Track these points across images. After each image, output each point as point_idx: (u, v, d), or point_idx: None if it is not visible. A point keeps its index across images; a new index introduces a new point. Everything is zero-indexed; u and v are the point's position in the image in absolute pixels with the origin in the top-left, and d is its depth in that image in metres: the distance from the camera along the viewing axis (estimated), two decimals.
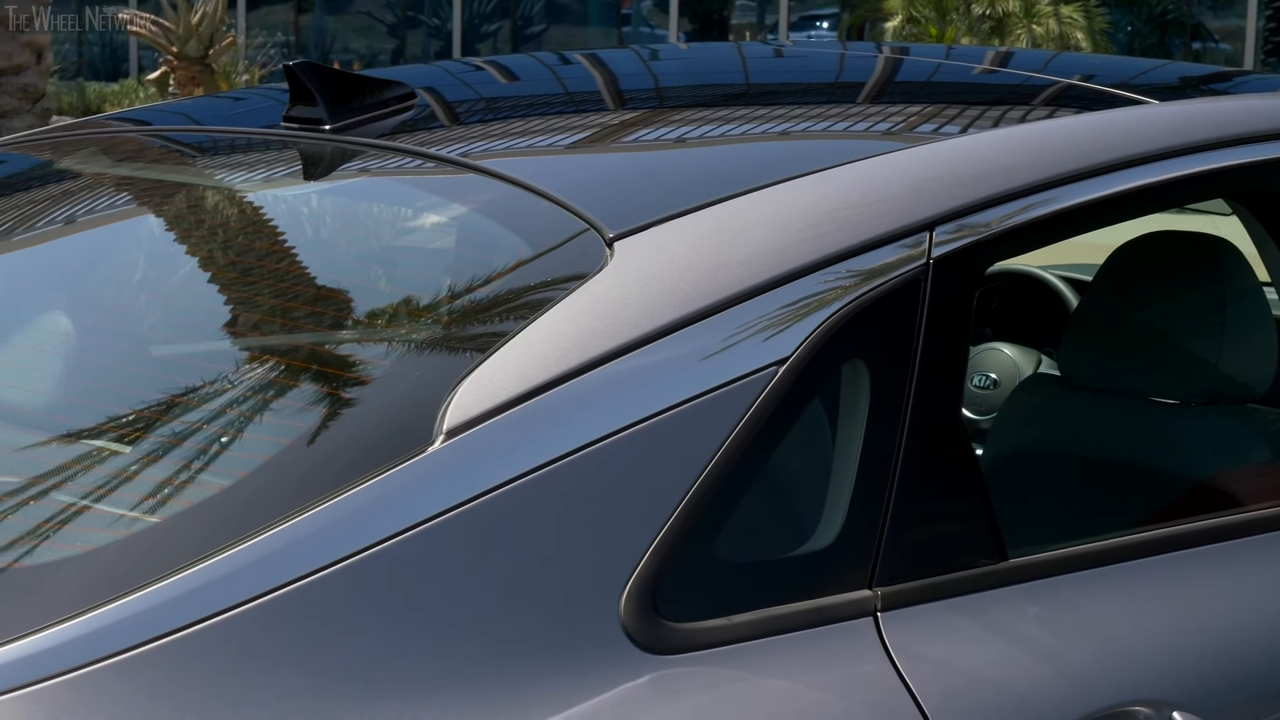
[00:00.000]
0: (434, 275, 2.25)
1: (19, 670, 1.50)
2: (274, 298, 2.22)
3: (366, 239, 2.48)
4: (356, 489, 1.66)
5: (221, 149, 2.81)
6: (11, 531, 1.75)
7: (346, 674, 1.60)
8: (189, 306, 2.37)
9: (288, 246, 2.39)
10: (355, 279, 2.30)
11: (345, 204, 2.52)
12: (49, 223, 2.70)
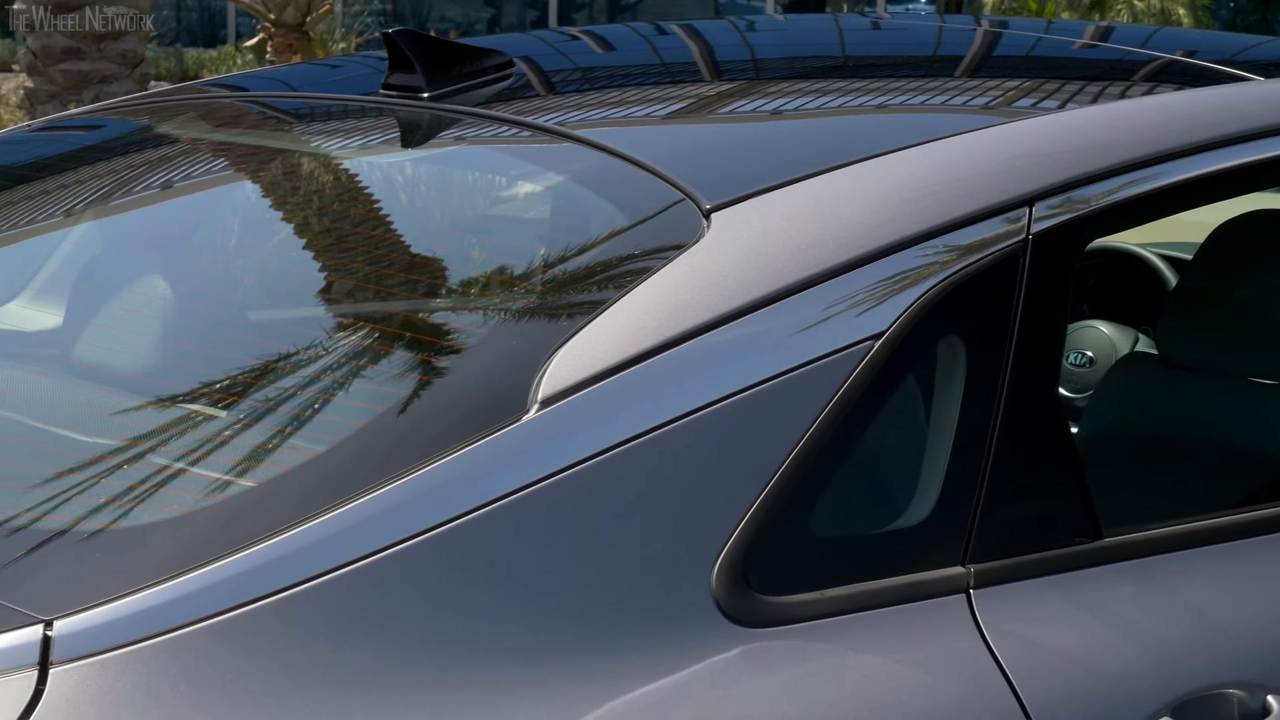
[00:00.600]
0: (530, 244, 2.25)
1: (116, 631, 1.51)
2: (370, 265, 2.23)
3: (463, 207, 2.48)
4: (450, 457, 1.66)
5: (318, 116, 2.81)
6: (109, 493, 1.76)
7: (440, 640, 1.60)
8: (285, 272, 2.38)
9: (384, 214, 2.40)
10: (452, 247, 2.30)
11: (442, 172, 2.52)
12: (147, 187, 2.71)
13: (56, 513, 1.74)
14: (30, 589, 1.57)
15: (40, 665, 1.48)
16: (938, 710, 1.80)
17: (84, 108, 3.39)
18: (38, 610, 1.52)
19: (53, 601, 1.53)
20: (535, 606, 1.65)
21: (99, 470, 1.82)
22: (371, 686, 1.56)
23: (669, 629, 1.69)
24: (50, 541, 1.68)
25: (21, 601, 1.53)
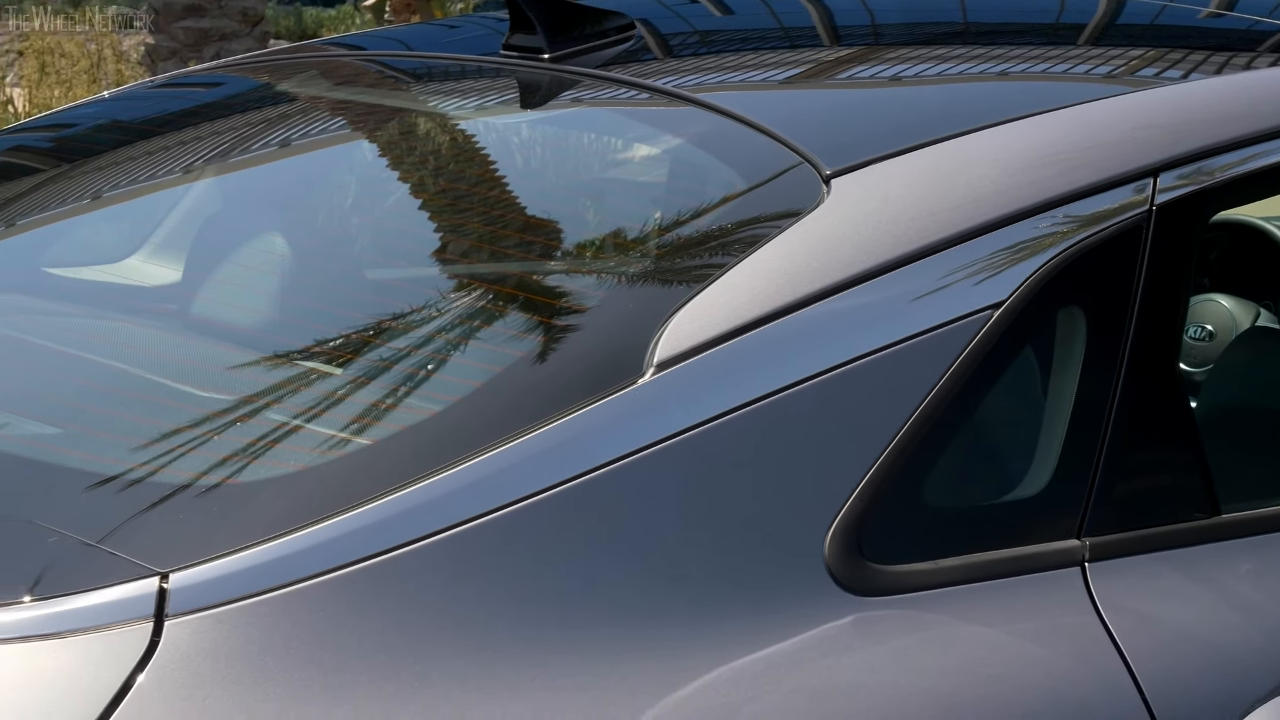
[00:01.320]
0: (648, 207, 2.25)
1: (230, 585, 1.52)
2: (488, 226, 2.23)
3: (582, 169, 2.48)
4: (566, 418, 1.66)
5: (437, 76, 2.82)
6: (226, 448, 1.77)
7: (549, 600, 1.60)
8: (403, 232, 2.38)
9: (503, 175, 2.40)
10: (570, 210, 2.30)
11: (562, 134, 2.52)
12: (266, 145, 2.73)
13: (174, 466, 1.75)
14: (147, 542, 1.58)
15: (156, 617, 1.49)
16: (1049, 684, 1.79)
17: (204, 65, 3.41)
18: (154, 563, 1.53)
19: (169, 554, 1.54)
20: (646, 570, 1.65)
21: (216, 425, 1.83)
22: (483, 645, 1.56)
23: (780, 595, 1.68)
24: (167, 495, 1.69)
25: (138, 554, 1.55)
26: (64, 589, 1.52)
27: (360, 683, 1.50)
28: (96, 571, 1.54)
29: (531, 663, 1.56)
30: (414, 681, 1.51)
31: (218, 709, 1.46)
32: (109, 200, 2.69)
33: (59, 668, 1.47)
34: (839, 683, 1.68)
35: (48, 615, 1.50)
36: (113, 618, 1.49)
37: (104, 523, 1.63)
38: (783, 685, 1.64)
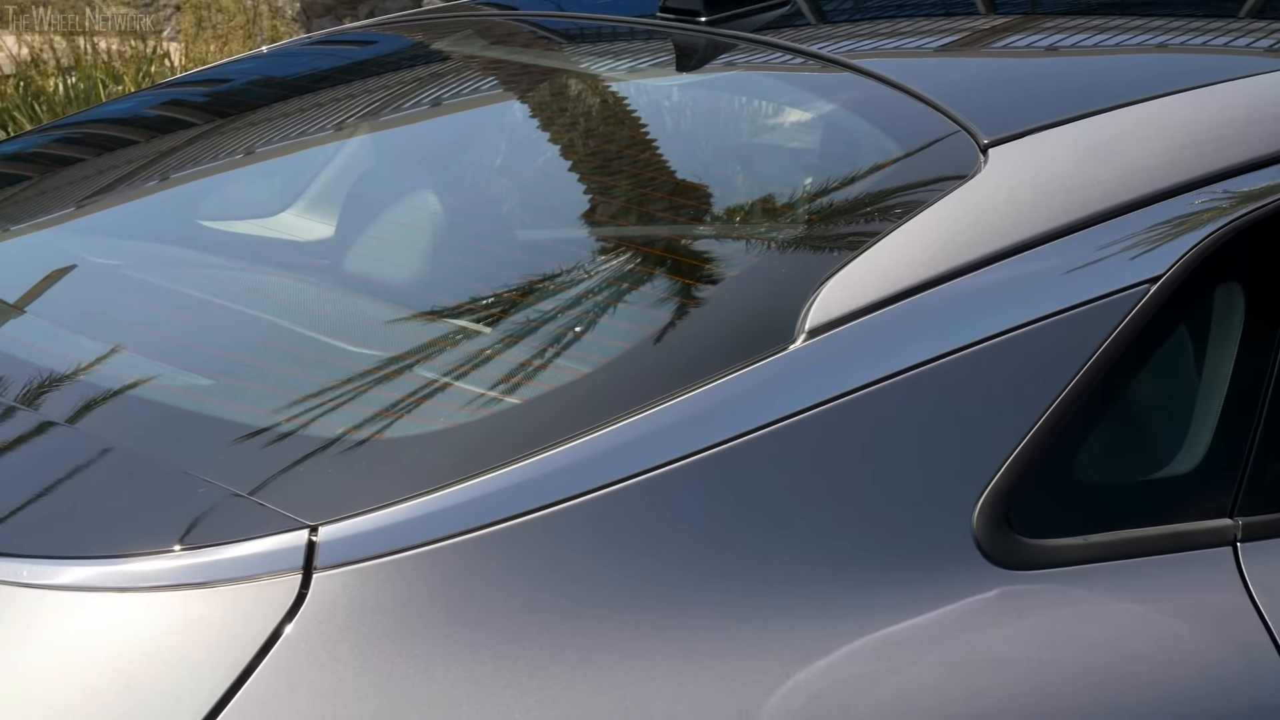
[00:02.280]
0: (802, 173, 2.24)
1: (378, 539, 1.53)
2: (641, 188, 2.23)
3: (737, 134, 2.47)
4: (715, 383, 1.65)
5: (591, 37, 2.82)
6: (376, 404, 1.78)
7: (693, 566, 1.60)
8: (555, 193, 2.39)
9: (656, 138, 2.39)
10: (723, 174, 2.29)
11: (717, 97, 2.51)
12: (419, 103, 2.74)
13: (324, 421, 1.77)
14: (297, 495, 1.60)
15: (304, 570, 1.50)
16: (1197, 664, 1.77)
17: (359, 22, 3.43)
18: (304, 516, 1.54)
19: (318, 508, 1.55)
20: (790, 537, 1.64)
21: (366, 381, 1.84)
22: (625, 607, 1.56)
23: (926, 567, 1.67)
24: (317, 449, 1.70)
25: (289, 506, 1.56)
26: (215, 539, 1.54)
27: (503, 641, 1.50)
28: (247, 523, 1.55)
29: (673, 626, 1.56)
30: (557, 641, 1.51)
31: (362, 662, 1.47)
32: (263, 155, 2.71)
33: (208, 616, 1.48)
34: (983, 656, 1.67)
35: (199, 564, 1.52)
36: (262, 569, 1.50)
37: (255, 475, 1.64)
38: (926, 657, 1.63)
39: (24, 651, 1.48)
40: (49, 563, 1.54)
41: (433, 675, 1.47)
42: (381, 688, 1.46)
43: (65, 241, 2.42)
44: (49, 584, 1.52)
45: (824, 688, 1.57)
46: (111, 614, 1.50)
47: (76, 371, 1.93)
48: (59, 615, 1.50)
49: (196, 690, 1.42)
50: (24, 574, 1.52)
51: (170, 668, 1.45)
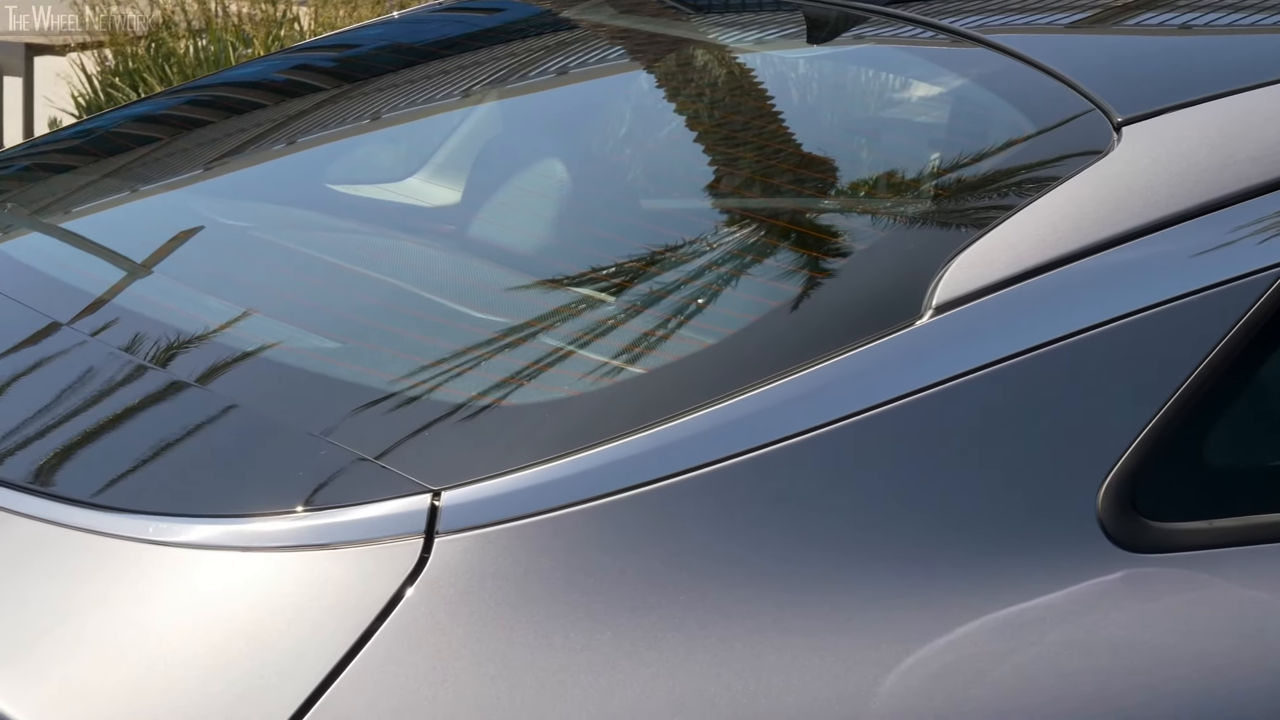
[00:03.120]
0: (932, 148, 2.22)
1: (500, 505, 1.53)
2: (768, 160, 2.22)
3: (867, 107, 2.46)
4: (839, 358, 1.64)
5: (719, 7, 2.81)
6: (499, 370, 1.79)
7: (814, 541, 1.59)
8: (682, 163, 2.38)
9: (785, 110, 2.38)
10: (852, 147, 2.28)
11: (848, 70, 2.50)
12: (547, 71, 2.74)
13: (448, 386, 1.77)
14: (421, 459, 1.60)
15: (426, 534, 1.51)
16: None
17: None
18: (427, 480, 1.54)
19: (441, 473, 1.56)
20: (912, 514, 1.63)
21: (490, 347, 1.84)
22: (744, 580, 1.55)
23: (1049, 547, 1.66)
24: (441, 414, 1.71)
25: (412, 471, 1.56)
26: (339, 501, 1.55)
27: (622, 611, 1.50)
28: (371, 486, 1.56)
29: (793, 601, 1.55)
30: (676, 613, 1.51)
31: (481, 627, 1.47)
32: (392, 121, 2.72)
33: (331, 578, 1.49)
34: (1106, 639, 1.65)
35: (323, 526, 1.53)
36: (385, 532, 1.51)
37: (380, 438, 1.65)
38: (1048, 637, 1.62)
39: (149, 608, 1.49)
40: (174, 520, 1.55)
41: (551, 643, 1.47)
42: (500, 654, 1.46)
43: (194, 203, 2.44)
44: (174, 541, 1.53)
45: (944, 665, 1.56)
46: (235, 573, 1.51)
47: (204, 332, 1.94)
48: (183, 573, 1.52)
49: (318, 651, 1.43)
50: (150, 531, 1.54)
51: (292, 627, 1.46)
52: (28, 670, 1.43)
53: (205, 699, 1.41)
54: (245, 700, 1.41)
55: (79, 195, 2.54)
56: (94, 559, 1.54)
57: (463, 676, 1.44)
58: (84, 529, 1.56)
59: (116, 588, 1.51)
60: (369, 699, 1.41)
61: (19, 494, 1.62)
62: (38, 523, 1.58)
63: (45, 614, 1.49)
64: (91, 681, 1.42)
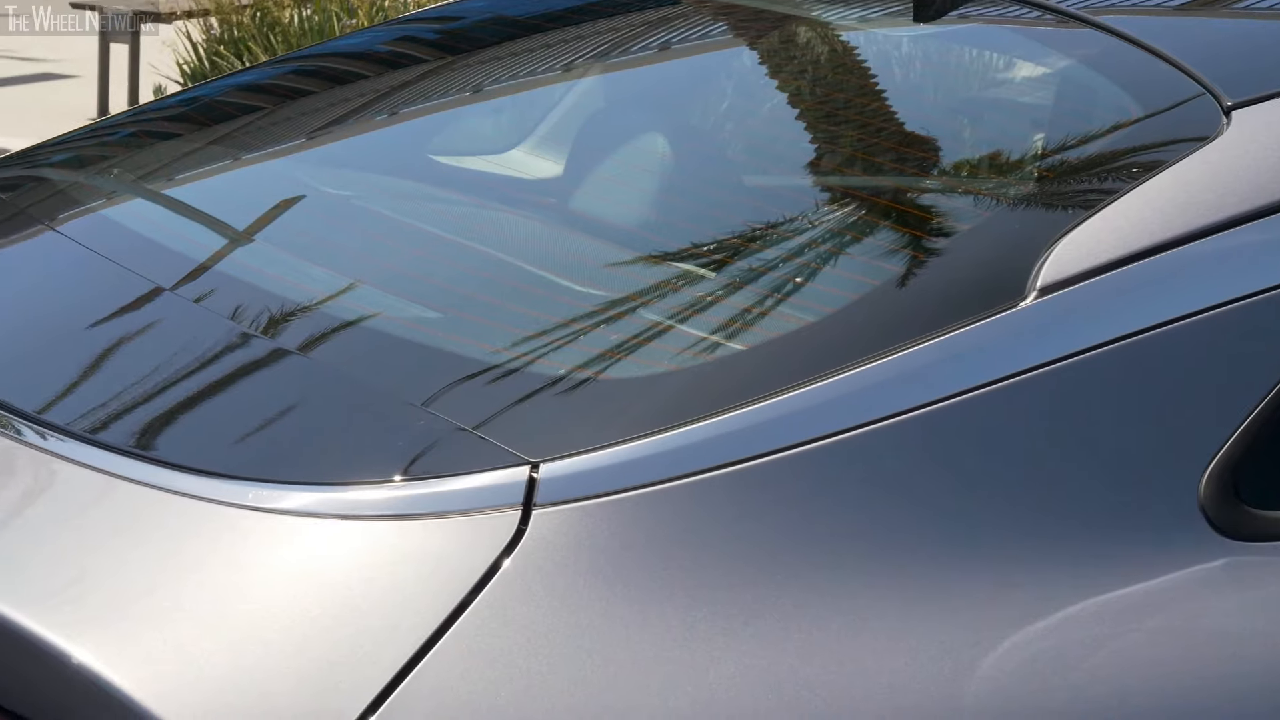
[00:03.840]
0: (1038, 128, 2.20)
1: (598, 479, 1.53)
2: (871, 138, 2.21)
3: (974, 86, 2.44)
4: (944, 337, 1.63)
5: None
6: (598, 344, 1.79)
7: (911, 521, 1.58)
8: (785, 140, 2.37)
9: (889, 89, 2.37)
10: (958, 126, 2.27)
11: (954, 49, 2.48)
12: (650, 46, 2.74)
13: (548, 358, 1.77)
14: (519, 431, 1.60)
15: (524, 506, 1.51)
16: None
17: None
18: (525, 452, 1.55)
19: (540, 445, 1.56)
20: (1011, 495, 1.62)
21: (591, 321, 1.84)
22: (843, 560, 1.55)
23: (1150, 533, 1.64)
24: (540, 386, 1.71)
25: (511, 442, 1.57)
26: (437, 471, 1.55)
27: (719, 587, 1.50)
28: (469, 457, 1.56)
29: (890, 583, 1.54)
30: (772, 591, 1.51)
31: (577, 600, 1.47)
32: (495, 93, 2.73)
33: (427, 547, 1.50)
34: (1206, 627, 1.63)
35: (420, 496, 1.53)
36: (483, 503, 1.51)
37: (479, 409, 1.65)
38: (1147, 624, 1.61)
39: (247, 573, 1.50)
40: (273, 487, 1.56)
41: (647, 617, 1.47)
42: (595, 627, 1.46)
43: (298, 172, 2.46)
44: (273, 508, 1.54)
45: (1042, 649, 1.55)
46: (333, 541, 1.52)
47: (306, 300, 1.95)
48: (282, 540, 1.53)
49: (414, 620, 1.44)
50: (249, 497, 1.55)
51: (388, 596, 1.46)
52: (127, 632, 1.45)
53: (301, 664, 1.42)
54: (340, 667, 1.41)
55: (183, 162, 2.55)
56: (194, 524, 1.55)
57: (557, 649, 1.44)
58: (185, 494, 1.57)
59: (215, 552, 1.53)
60: (463, 669, 1.42)
61: (122, 458, 1.64)
62: (139, 487, 1.59)
63: (145, 577, 1.51)
64: (189, 645, 1.43)
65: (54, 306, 2.04)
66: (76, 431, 1.70)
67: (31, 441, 1.69)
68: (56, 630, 1.44)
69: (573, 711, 1.41)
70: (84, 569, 1.52)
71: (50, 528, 1.59)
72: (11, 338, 1.98)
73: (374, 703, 1.39)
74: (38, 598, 1.49)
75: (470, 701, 1.40)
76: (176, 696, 1.39)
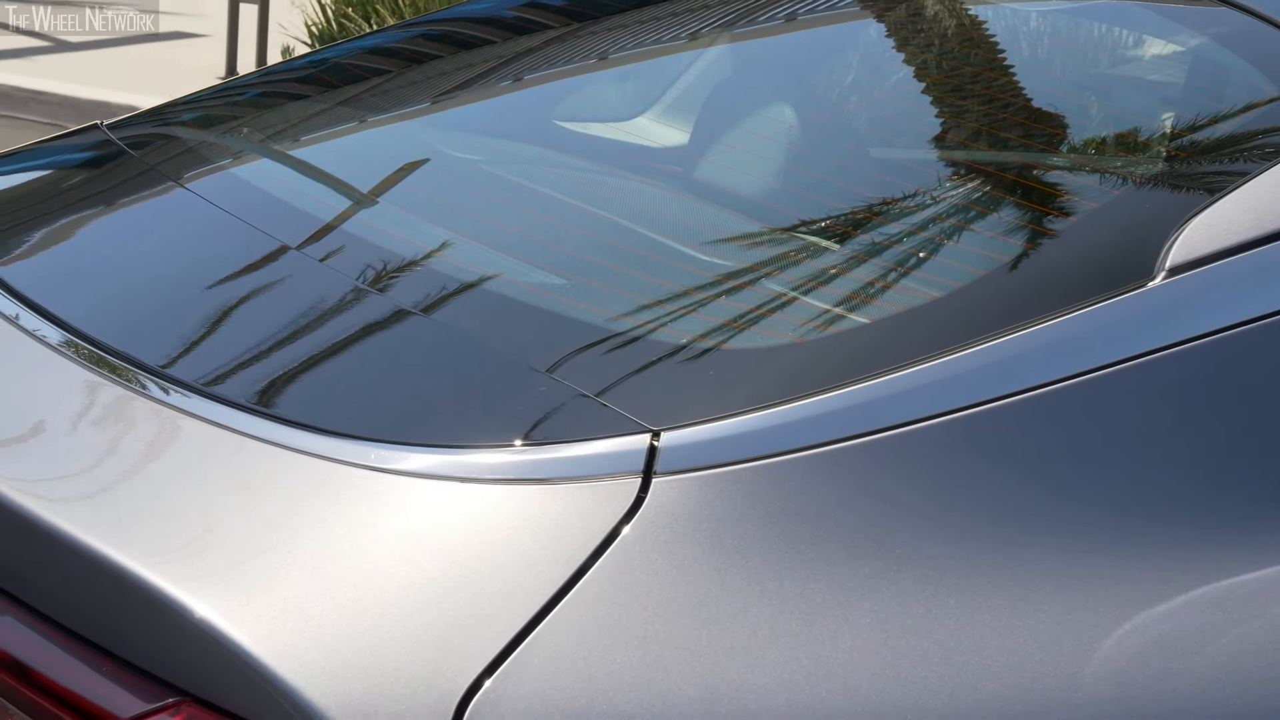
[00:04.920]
0: (1169, 107, 2.18)
1: (719, 449, 1.53)
2: (1000, 113, 2.19)
3: (1104, 63, 2.41)
4: (1069, 315, 1.62)
5: None
6: (722, 313, 1.78)
7: (1033, 498, 1.57)
8: (912, 113, 2.36)
9: (1016, 64, 2.35)
10: (1086, 103, 2.24)
11: (1084, 26, 2.46)
12: (778, 16, 2.72)
13: (671, 327, 1.77)
14: (641, 399, 1.60)
15: (644, 474, 1.51)
16: None
17: None
18: (647, 420, 1.55)
19: (661, 413, 1.56)
20: (1130, 476, 1.60)
21: (714, 290, 1.84)
22: (959, 537, 1.53)
23: (1278, 519, 1.62)
24: (663, 355, 1.71)
25: (632, 410, 1.57)
26: (558, 437, 1.56)
27: (838, 561, 1.49)
28: (590, 423, 1.56)
29: (1011, 559, 1.53)
30: (892, 565, 1.50)
31: (695, 569, 1.47)
32: (621, 60, 2.72)
33: (547, 512, 1.50)
34: None
35: (540, 460, 1.53)
36: (603, 470, 1.51)
37: (601, 376, 1.65)
38: (1272, 611, 1.58)
39: (367, 533, 1.51)
40: (394, 448, 1.57)
41: (764, 589, 1.47)
42: (713, 597, 1.46)
43: (424, 135, 2.46)
44: (394, 469, 1.55)
45: (1163, 633, 1.53)
46: (452, 503, 1.52)
47: (430, 262, 1.96)
48: (402, 501, 1.53)
49: (532, 584, 1.44)
50: (371, 457, 1.56)
51: (507, 560, 1.46)
52: (247, 589, 1.46)
53: (419, 626, 1.42)
54: (458, 629, 1.42)
55: (311, 124, 2.57)
56: (315, 483, 1.56)
57: (674, 618, 1.44)
58: (307, 452, 1.58)
59: (336, 512, 1.53)
60: (580, 635, 1.42)
61: (246, 415, 1.65)
62: (262, 444, 1.60)
63: (266, 534, 1.51)
64: (308, 603, 1.44)
65: (182, 263, 2.05)
66: (201, 388, 1.71)
67: (157, 396, 1.71)
68: (178, 585, 1.45)
69: (689, 680, 1.41)
70: (207, 524, 1.54)
71: (174, 483, 1.61)
72: (140, 293, 1.99)
73: (490, 665, 1.40)
74: (160, 551, 1.50)
75: (586, 668, 1.40)
76: (294, 654, 1.40)
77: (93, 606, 1.52)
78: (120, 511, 1.57)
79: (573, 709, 1.39)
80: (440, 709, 1.38)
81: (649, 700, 1.40)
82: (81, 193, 2.39)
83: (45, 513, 1.55)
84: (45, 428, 1.74)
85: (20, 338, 1.85)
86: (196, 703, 1.44)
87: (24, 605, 1.56)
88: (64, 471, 1.65)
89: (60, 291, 1.99)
